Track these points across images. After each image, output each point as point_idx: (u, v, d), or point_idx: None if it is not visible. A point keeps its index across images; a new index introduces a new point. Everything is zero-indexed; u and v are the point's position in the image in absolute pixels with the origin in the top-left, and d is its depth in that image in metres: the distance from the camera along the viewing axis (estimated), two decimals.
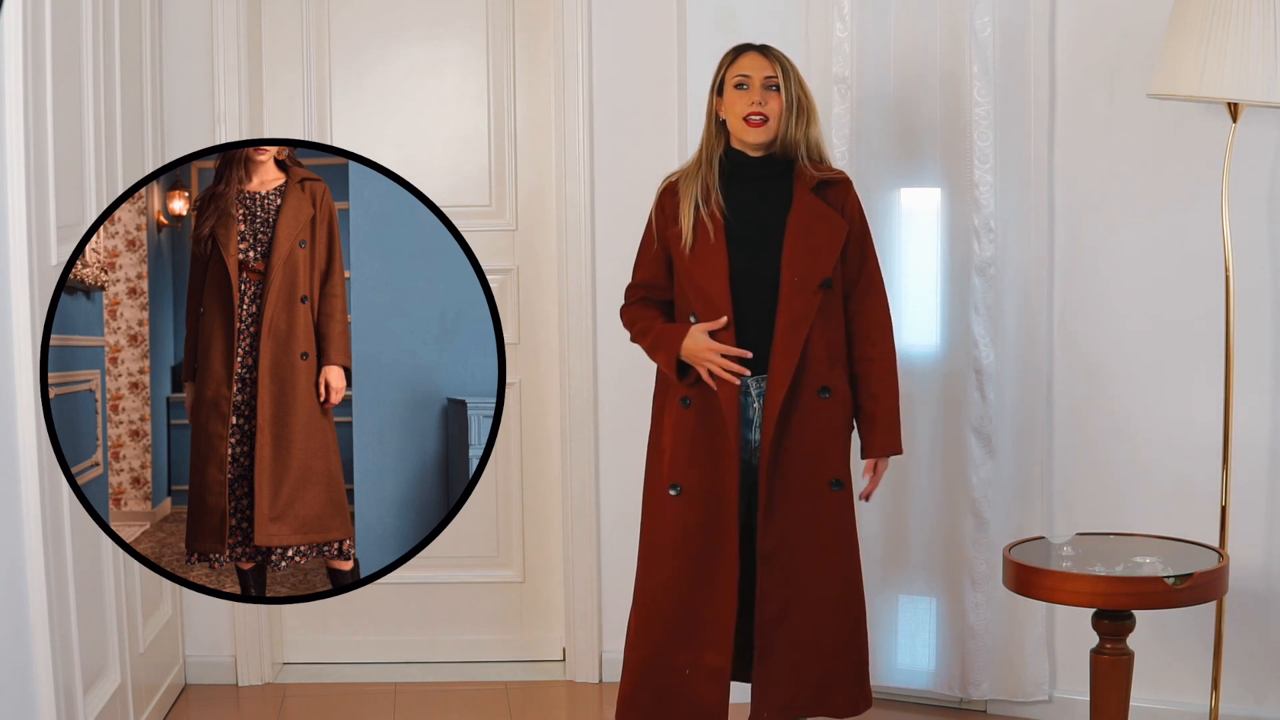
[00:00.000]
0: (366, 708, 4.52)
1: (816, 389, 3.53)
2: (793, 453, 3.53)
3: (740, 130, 3.54)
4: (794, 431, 3.52)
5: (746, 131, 3.53)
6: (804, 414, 3.53)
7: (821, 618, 3.57)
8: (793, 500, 3.53)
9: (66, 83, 3.57)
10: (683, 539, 3.55)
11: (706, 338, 3.51)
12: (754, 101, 3.52)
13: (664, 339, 3.58)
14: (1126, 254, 4.15)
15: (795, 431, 3.53)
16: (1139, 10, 4.05)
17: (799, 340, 3.51)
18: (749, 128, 3.53)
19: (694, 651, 3.56)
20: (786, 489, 3.53)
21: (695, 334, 3.52)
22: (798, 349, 3.51)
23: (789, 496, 3.53)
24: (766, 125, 3.53)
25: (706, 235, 3.53)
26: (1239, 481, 3.95)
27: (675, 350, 3.55)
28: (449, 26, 4.71)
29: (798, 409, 3.52)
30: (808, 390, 3.53)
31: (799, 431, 3.53)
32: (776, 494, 3.52)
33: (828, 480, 3.56)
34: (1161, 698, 4.13)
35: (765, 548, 3.53)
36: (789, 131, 3.54)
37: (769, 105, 3.53)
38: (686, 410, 3.56)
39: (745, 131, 3.53)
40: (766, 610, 3.54)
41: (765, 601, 3.54)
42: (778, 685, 3.55)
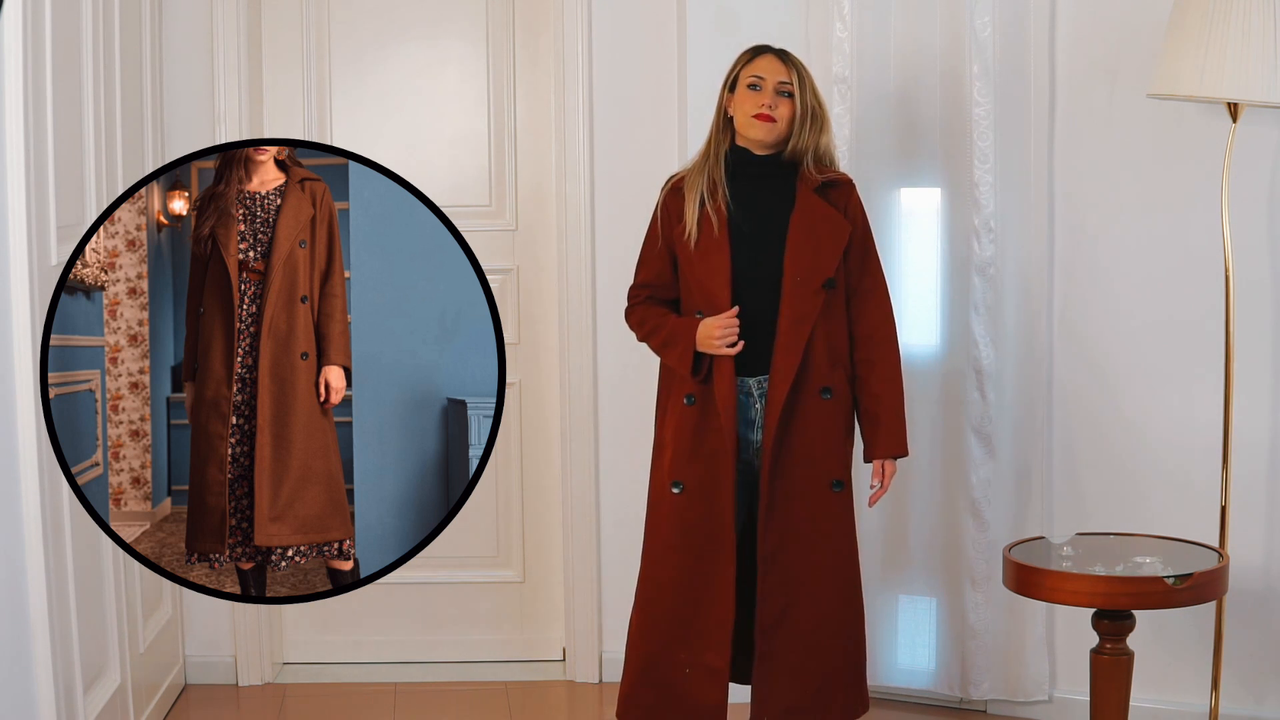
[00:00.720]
0: (366, 708, 4.52)
1: (818, 389, 3.53)
2: (794, 453, 3.53)
3: (746, 125, 3.54)
4: (795, 432, 3.53)
5: (753, 126, 3.53)
6: (805, 414, 3.53)
7: (822, 621, 3.57)
8: (794, 501, 3.53)
9: (66, 83, 3.57)
10: (683, 536, 3.56)
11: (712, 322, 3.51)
12: (764, 103, 3.53)
13: (676, 335, 3.57)
14: (1126, 254, 4.15)
15: (797, 432, 3.53)
16: (1139, 10, 4.05)
17: (801, 340, 3.51)
18: (756, 122, 3.53)
19: (694, 651, 3.56)
20: (788, 490, 3.53)
21: (706, 324, 3.53)
22: (800, 348, 3.51)
23: (790, 497, 3.53)
24: (774, 124, 3.53)
25: (710, 231, 3.54)
26: (1239, 481, 3.95)
27: (690, 344, 3.54)
28: (449, 26, 4.71)
29: (799, 409, 3.52)
30: (810, 390, 3.53)
31: (800, 432, 3.53)
32: (777, 495, 3.52)
33: (829, 481, 3.56)
34: (1161, 698, 4.13)
35: (766, 549, 3.53)
36: (799, 139, 3.55)
37: (779, 109, 3.53)
38: (690, 408, 3.56)
39: (751, 126, 3.54)
40: (767, 613, 3.54)
41: (766, 604, 3.54)
42: (778, 689, 3.55)
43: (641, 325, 3.67)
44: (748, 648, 3.61)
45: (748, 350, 3.53)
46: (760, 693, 3.56)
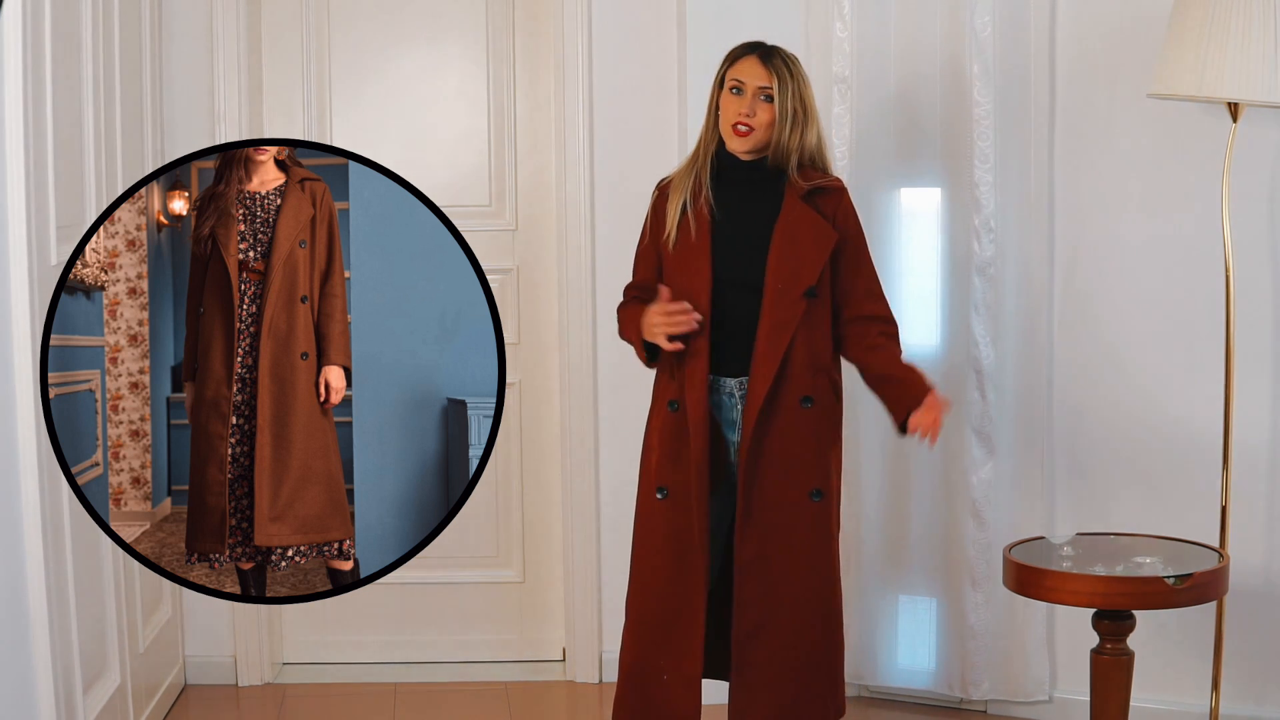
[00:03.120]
0: (366, 708, 4.52)
1: (798, 398, 3.49)
2: (772, 461, 3.49)
3: (727, 135, 3.52)
4: (774, 440, 3.48)
5: (732, 138, 3.51)
6: (784, 422, 3.49)
7: (799, 633, 3.52)
8: (771, 510, 3.49)
9: (66, 83, 3.57)
10: (666, 541, 3.54)
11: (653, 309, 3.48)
12: (742, 112, 3.48)
13: (629, 323, 3.58)
14: (1127, 254, 4.15)
15: (775, 440, 3.48)
16: (1139, 10, 4.05)
17: (780, 346, 3.47)
18: (734, 135, 3.50)
19: (673, 657, 3.54)
20: (765, 498, 3.49)
21: (648, 311, 3.50)
22: (778, 354, 3.47)
23: (767, 506, 3.49)
24: (751, 135, 3.48)
25: (689, 234, 3.52)
26: (1239, 481, 3.95)
27: (638, 331, 3.54)
28: (449, 26, 4.71)
29: (778, 417, 3.48)
30: (789, 398, 3.48)
31: (779, 440, 3.49)
32: (754, 503, 3.49)
33: (807, 490, 3.52)
34: (1161, 698, 4.13)
35: (743, 557, 3.50)
36: (781, 140, 3.49)
37: (758, 115, 3.48)
38: (673, 414, 3.53)
39: (730, 138, 3.51)
40: (743, 623, 3.51)
41: (742, 614, 3.51)
42: (755, 700, 3.52)
43: (619, 322, 3.68)
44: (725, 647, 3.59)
45: (728, 351, 3.51)
46: (738, 704, 3.54)
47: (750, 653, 3.52)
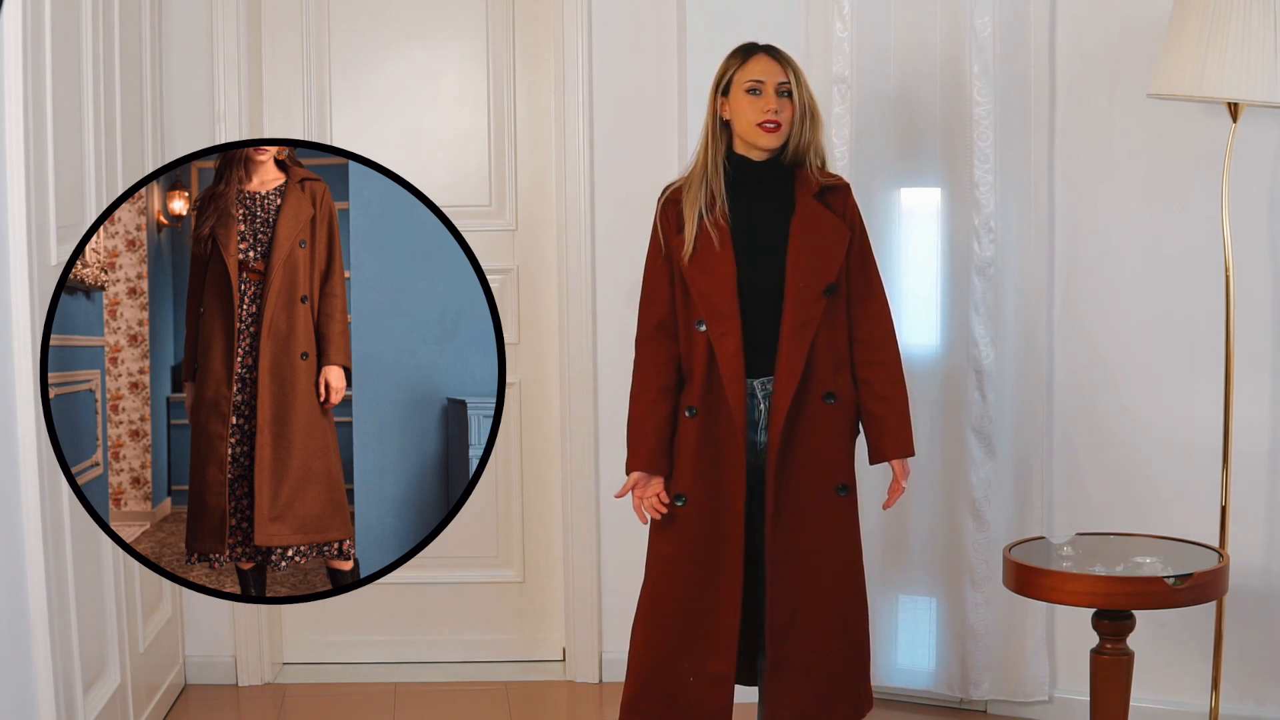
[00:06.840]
0: (366, 708, 4.52)
1: (822, 394, 3.52)
2: (799, 459, 3.52)
3: (753, 135, 3.50)
4: (800, 437, 3.51)
5: (760, 136, 3.49)
6: (810, 420, 3.52)
7: (829, 625, 3.56)
8: (800, 507, 3.53)
9: (66, 83, 3.57)
10: (688, 549, 3.55)
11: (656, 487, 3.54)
12: (769, 109, 3.47)
13: (635, 454, 3.56)
14: (1127, 254, 4.15)
15: (801, 437, 3.52)
16: (1139, 10, 4.05)
17: (804, 345, 3.49)
18: (764, 133, 3.49)
19: (698, 659, 3.55)
20: (794, 496, 3.52)
21: (651, 483, 3.54)
22: (803, 354, 3.49)
23: (796, 503, 3.52)
24: (779, 130, 3.50)
25: (711, 244, 3.51)
26: (1239, 482, 3.95)
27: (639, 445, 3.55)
28: (449, 26, 4.71)
29: (804, 415, 3.51)
30: (813, 396, 3.52)
31: (805, 437, 3.52)
32: (784, 500, 3.51)
33: (834, 486, 3.55)
34: (1161, 698, 4.13)
35: (774, 554, 3.52)
36: (800, 137, 3.52)
37: (784, 112, 3.49)
38: (692, 420, 3.54)
39: (759, 136, 3.49)
40: (777, 618, 3.53)
41: (775, 609, 3.53)
42: (790, 693, 3.55)
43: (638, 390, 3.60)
44: (748, 651, 3.60)
45: (751, 353, 3.52)
46: (775, 697, 3.55)
47: (785, 647, 3.54)
